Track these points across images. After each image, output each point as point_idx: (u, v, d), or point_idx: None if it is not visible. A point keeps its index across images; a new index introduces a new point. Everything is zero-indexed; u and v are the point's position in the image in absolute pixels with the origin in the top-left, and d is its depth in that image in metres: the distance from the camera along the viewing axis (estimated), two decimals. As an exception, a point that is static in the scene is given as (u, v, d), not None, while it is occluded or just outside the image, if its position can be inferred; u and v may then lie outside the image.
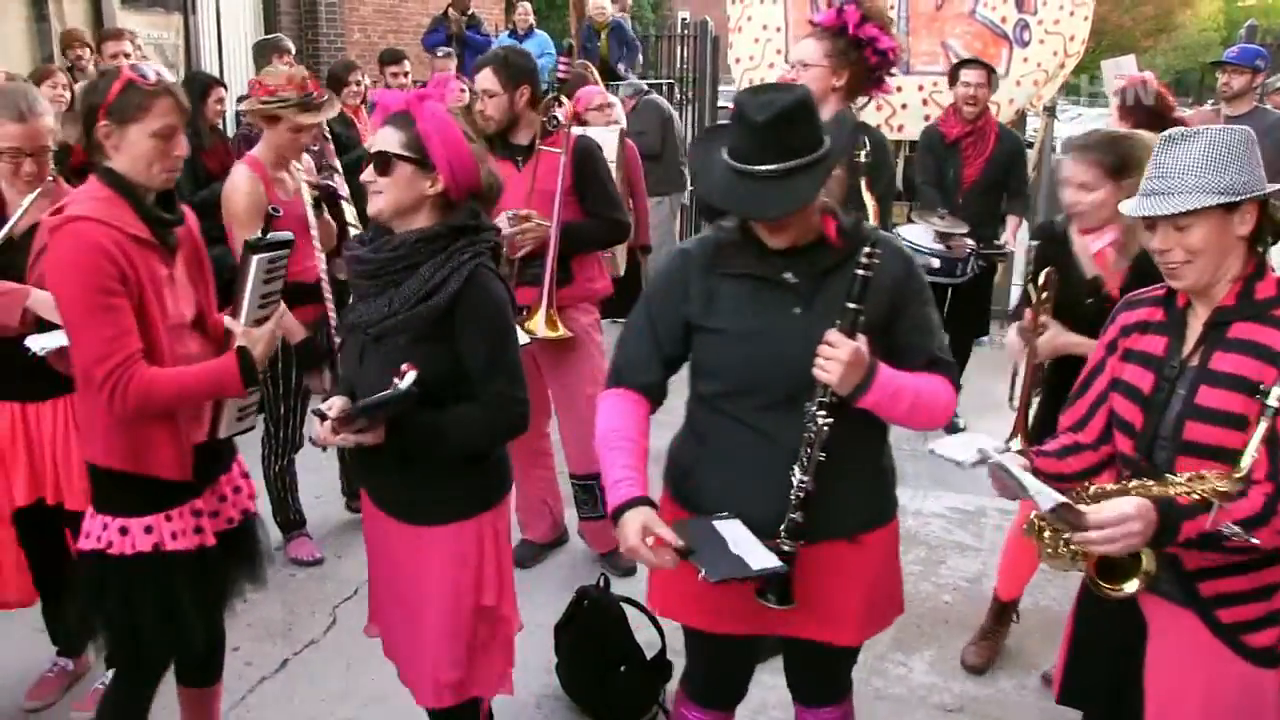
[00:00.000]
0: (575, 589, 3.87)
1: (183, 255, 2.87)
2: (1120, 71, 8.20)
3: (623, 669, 3.67)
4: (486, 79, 4.28)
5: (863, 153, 3.67)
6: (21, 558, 3.61)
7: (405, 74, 8.11)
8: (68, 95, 5.95)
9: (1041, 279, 3.46)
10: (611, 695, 3.69)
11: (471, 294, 2.62)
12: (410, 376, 2.50)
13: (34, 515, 3.50)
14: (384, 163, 2.62)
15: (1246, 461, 2.15)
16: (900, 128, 7.83)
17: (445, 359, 2.61)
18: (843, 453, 2.42)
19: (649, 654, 3.72)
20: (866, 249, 2.30)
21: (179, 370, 2.71)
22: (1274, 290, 2.32)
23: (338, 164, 5.29)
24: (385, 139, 2.64)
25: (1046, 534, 2.51)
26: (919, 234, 5.89)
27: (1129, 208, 2.36)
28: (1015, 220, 6.44)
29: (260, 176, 4.32)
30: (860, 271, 2.30)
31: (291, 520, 4.88)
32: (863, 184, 3.73)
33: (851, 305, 2.31)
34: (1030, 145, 11.65)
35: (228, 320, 2.88)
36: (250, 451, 4.57)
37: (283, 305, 3.01)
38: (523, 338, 3.85)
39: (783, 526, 2.41)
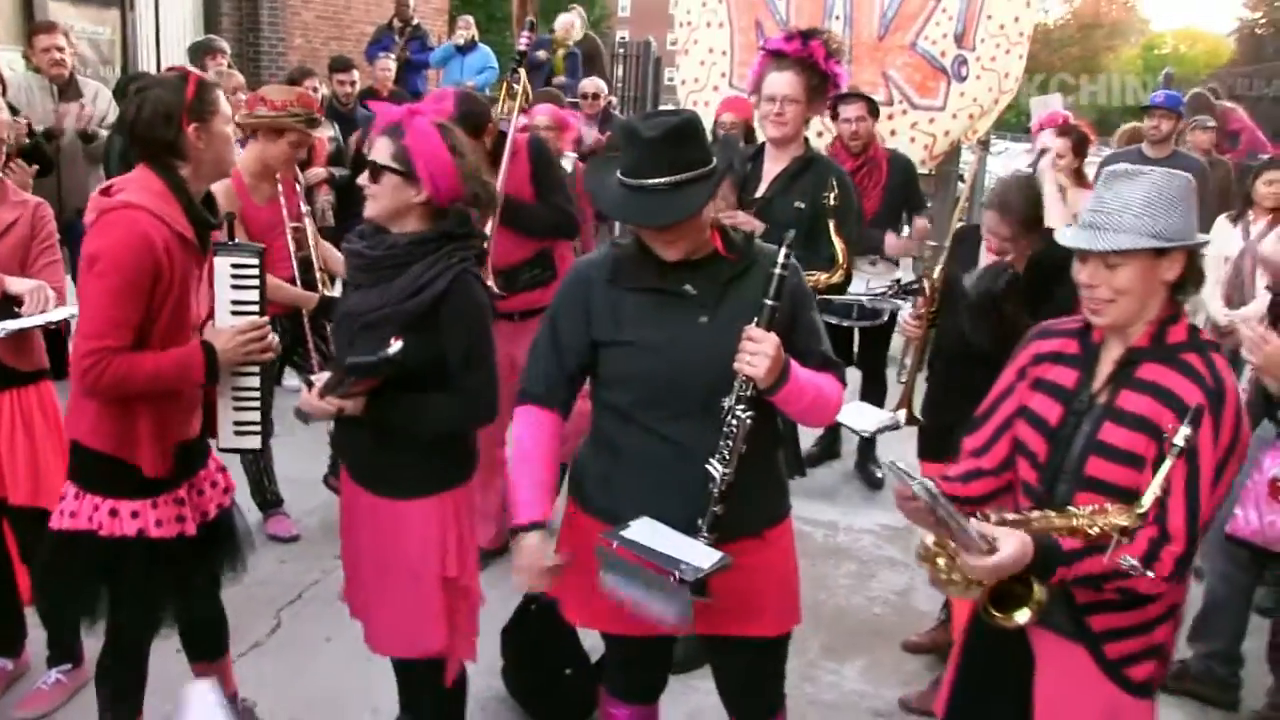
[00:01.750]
0: (523, 596, 3.92)
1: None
2: (1048, 108, 8.50)
3: (568, 672, 3.73)
4: None
5: (831, 195, 3.82)
6: None
7: (353, 82, 8.17)
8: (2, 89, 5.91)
9: (938, 276, 3.84)
10: (556, 698, 3.76)
11: (456, 294, 2.80)
12: (396, 345, 2.68)
13: None
14: (375, 172, 2.81)
15: (1148, 499, 2.21)
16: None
17: (427, 350, 2.78)
18: (753, 456, 2.54)
19: (594, 658, 3.79)
20: (784, 251, 2.44)
21: (152, 355, 2.82)
22: (1184, 335, 2.36)
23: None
24: (379, 149, 2.82)
25: (940, 560, 2.50)
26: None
27: (1066, 237, 2.40)
28: (921, 222, 6.36)
29: (235, 184, 4.39)
30: (777, 271, 2.44)
31: (268, 500, 5.07)
32: (830, 226, 3.87)
33: (769, 302, 2.44)
34: (961, 178, 11.96)
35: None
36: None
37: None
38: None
39: (703, 520, 2.51)
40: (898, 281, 5.70)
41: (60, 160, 6.44)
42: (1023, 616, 2.35)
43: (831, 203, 3.84)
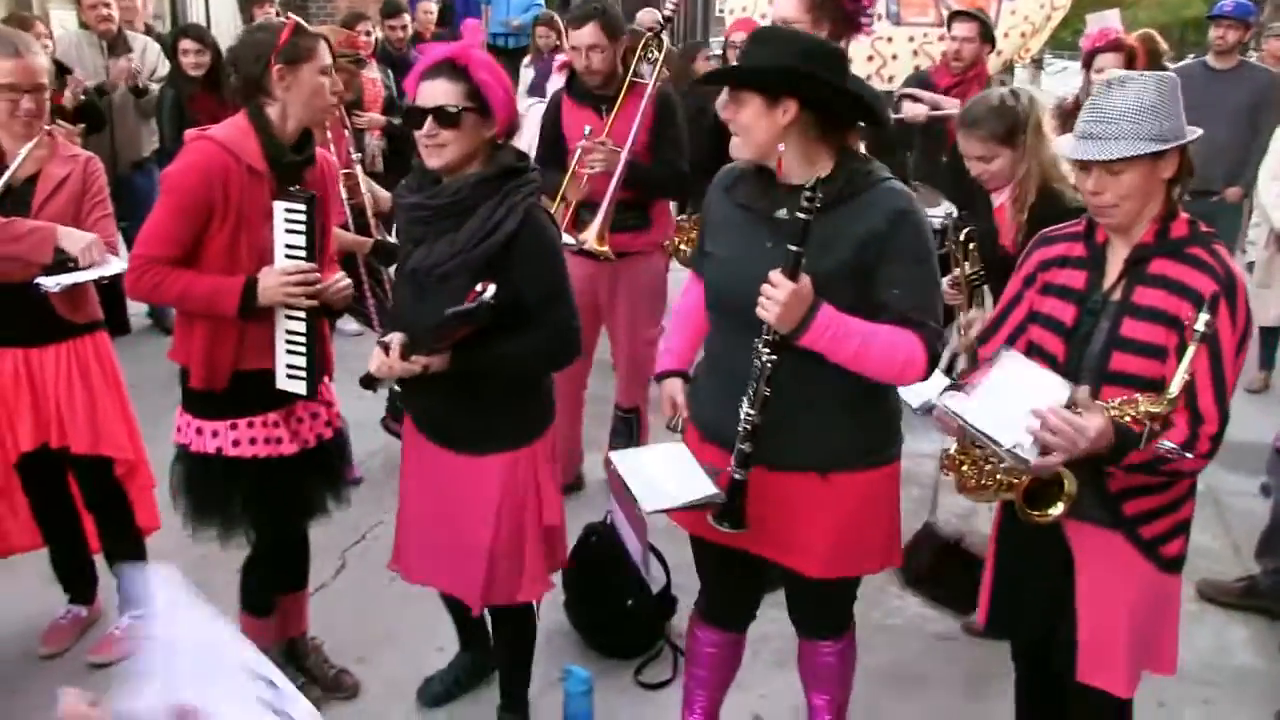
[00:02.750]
0: (583, 526, 3.97)
1: None
2: (1105, 25, 8.29)
3: (630, 604, 3.77)
4: (592, 34, 4.37)
5: None
6: (25, 504, 3.69)
7: (404, 27, 8.12)
8: (50, 44, 5.97)
9: (964, 237, 3.68)
10: (618, 631, 3.81)
11: (529, 231, 2.79)
12: (490, 289, 2.66)
13: (38, 461, 3.57)
14: (450, 116, 2.73)
15: (1176, 385, 2.29)
16: (891, 79, 7.87)
17: (504, 292, 2.72)
18: (813, 387, 2.56)
19: (655, 589, 3.82)
20: (806, 193, 2.37)
21: (193, 275, 3.00)
22: (1185, 230, 2.46)
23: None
24: (443, 91, 2.74)
25: (965, 466, 2.59)
26: None
27: (1066, 149, 2.48)
28: None
29: None
30: (800, 215, 2.38)
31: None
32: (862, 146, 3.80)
33: (792, 248, 2.39)
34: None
35: None
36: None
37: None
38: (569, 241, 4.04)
39: (733, 456, 2.53)
40: (948, 214, 5.61)
41: (112, 115, 6.50)
42: (1056, 510, 2.44)
43: None
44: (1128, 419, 2.32)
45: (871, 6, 4.12)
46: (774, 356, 2.47)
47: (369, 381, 2.85)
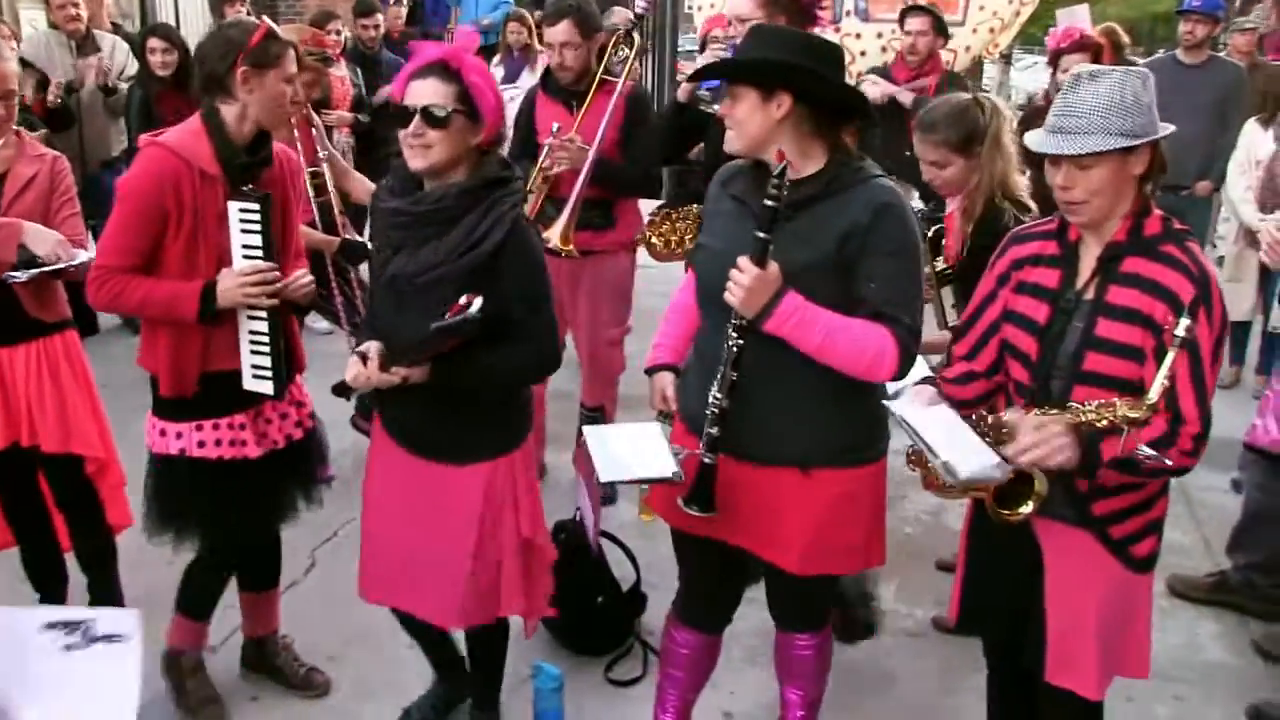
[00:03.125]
0: (553, 523, 3.96)
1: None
2: (1074, 21, 8.32)
3: (599, 600, 3.77)
4: (565, 31, 4.38)
5: None
6: None
7: (376, 26, 8.09)
8: (15, 45, 5.93)
9: (932, 235, 3.63)
10: (588, 627, 3.81)
11: (515, 242, 2.75)
12: (477, 303, 2.61)
13: (8, 460, 3.55)
14: (437, 117, 2.66)
15: (1155, 391, 2.27)
16: (859, 75, 7.88)
17: (489, 305, 2.66)
18: (791, 379, 2.58)
19: (625, 587, 3.83)
20: (774, 180, 2.40)
21: (152, 282, 3.01)
22: (1159, 227, 2.44)
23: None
24: (433, 91, 2.68)
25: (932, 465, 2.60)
26: None
27: (1034, 142, 2.46)
28: None
29: None
30: (768, 202, 2.41)
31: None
32: None
33: (759, 234, 2.42)
34: (985, 93, 11.75)
35: None
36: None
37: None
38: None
39: (702, 440, 2.57)
40: (922, 211, 5.59)
41: (81, 114, 6.47)
42: (1027, 509, 2.45)
43: None
44: (1105, 422, 2.32)
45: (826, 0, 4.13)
46: (740, 341, 2.50)
47: (342, 389, 2.81)
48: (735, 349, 2.51)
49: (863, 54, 7.83)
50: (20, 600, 3.90)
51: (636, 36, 4.83)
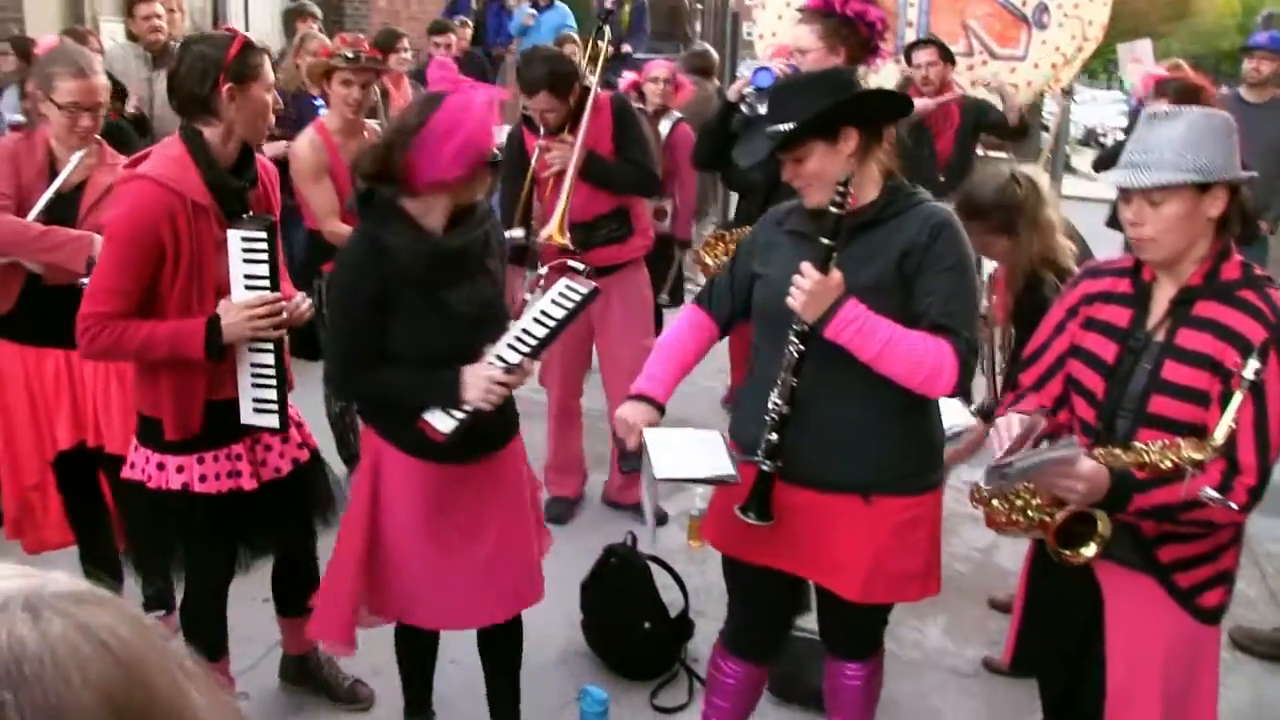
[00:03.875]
0: (603, 547, 3.99)
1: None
2: (1135, 55, 8.26)
3: (647, 626, 3.78)
4: (545, 101, 4.44)
5: None
6: (58, 502, 3.77)
7: (448, 45, 8.15)
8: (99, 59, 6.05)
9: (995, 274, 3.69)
10: (635, 652, 3.82)
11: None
12: (591, 283, 2.94)
13: (73, 459, 3.66)
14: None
15: (1221, 434, 2.22)
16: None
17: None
18: (846, 402, 2.62)
19: (673, 613, 3.84)
20: (839, 188, 2.47)
21: (151, 325, 2.85)
22: (1238, 273, 2.40)
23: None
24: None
25: (996, 501, 2.58)
26: None
27: (1110, 177, 2.45)
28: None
29: (324, 140, 4.57)
30: (831, 209, 2.48)
31: (353, 455, 5.13)
32: None
33: (824, 241, 2.48)
34: (1046, 129, 11.69)
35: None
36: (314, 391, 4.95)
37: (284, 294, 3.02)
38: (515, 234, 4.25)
39: (760, 446, 2.58)
40: None
41: (155, 126, 6.59)
42: (1089, 551, 2.42)
43: None
44: (1169, 464, 2.28)
45: (887, 31, 4.15)
46: (801, 347, 2.53)
47: (468, 421, 2.76)
48: (796, 355, 2.54)
49: None
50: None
51: (607, 30, 4.90)
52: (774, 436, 2.58)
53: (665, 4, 10.82)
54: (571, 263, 3.52)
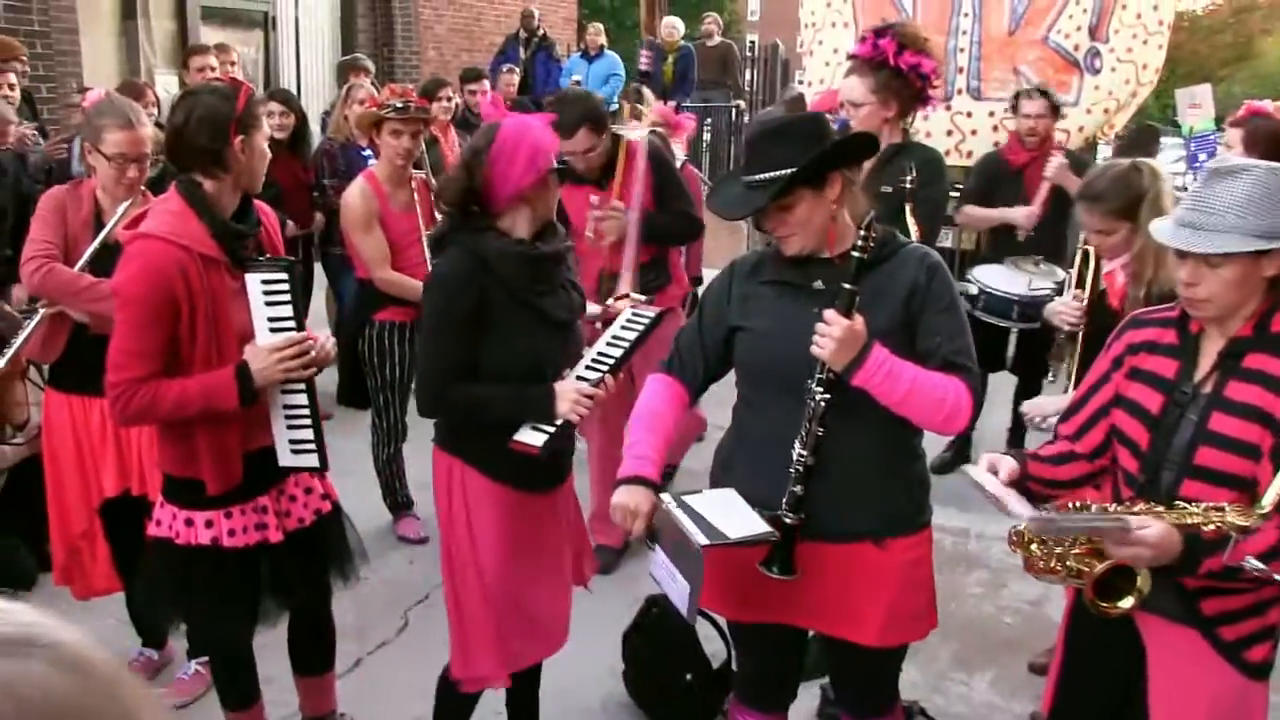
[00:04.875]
0: (645, 597, 3.94)
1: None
2: (1194, 100, 8.16)
3: (689, 678, 3.73)
4: (585, 139, 4.46)
5: (908, 179, 3.75)
6: (105, 549, 3.81)
7: (484, 92, 8.29)
8: (156, 111, 6.17)
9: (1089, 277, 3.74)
10: (676, 703, 3.76)
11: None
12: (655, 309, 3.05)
13: (119, 507, 3.69)
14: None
15: (1270, 499, 2.15)
16: (970, 154, 7.80)
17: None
18: (864, 452, 2.58)
19: (715, 664, 3.78)
20: (861, 232, 2.45)
21: (181, 382, 2.81)
22: None
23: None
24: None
25: (1035, 546, 2.52)
26: (1006, 279, 5.65)
27: (1164, 235, 2.36)
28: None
29: (374, 189, 4.64)
30: (854, 254, 2.46)
31: (399, 502, 5.25)
32: (907, 208, 3.79)
33: (846, 286, 2.46)
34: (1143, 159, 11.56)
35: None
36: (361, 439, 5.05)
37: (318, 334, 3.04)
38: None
39: (784, 499, 2.54)
40: (1061, 284, 5.46)
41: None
42: (1127, 603, 2.36)
43: (908, 185, 3.76)
44: (1212, 527, 2.21)
45: (938, 78, 4.11)
46: (827, 395, 2.50)
47: (558, 437, 2.89)
48: (823, 404, 2.50)
49: (974, 133, 7.76)
50: (123, 641, 4.02)
51: (646, 91, 5.00)
52: (798, 489, 2.54)
53: (715, 53, 10.91)
54: (634, 295, 3.53)
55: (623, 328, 3.17)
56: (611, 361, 3.05)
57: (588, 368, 3.02)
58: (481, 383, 2.91)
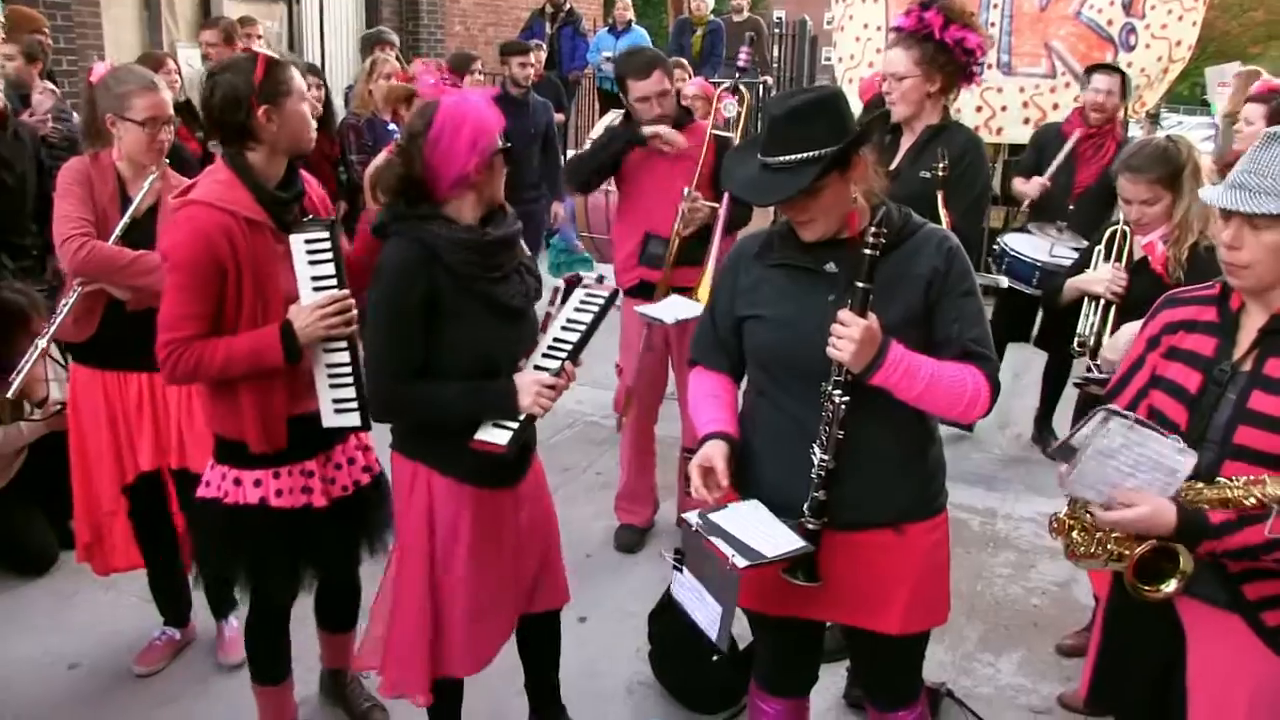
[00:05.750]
0: (669, 578, 3.91)
1: None
2: (1224, 79, 8.05)
3: (714, 659, 3.70)
4: (659, 81, 4.45)
5: (940, 165, 3.68)
6: (126, 525, 3.81)
7: (532, 65, 8.06)
8: (179, 83, 6.15)
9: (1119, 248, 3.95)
10: (702, 684, 3.74)
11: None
12: (609, 284, 2.88)
13: (145, 484, 3.69)
14: None
15: None
16: (999, 130, 7.74)
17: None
18: (880, 441, 2.53)
19: (741, 645, 3.76)
20: (872, 229, 2.35)
21: (228, 340, 2.89)
22: None
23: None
24: None
25: (1075, 533, 2.46)
26: (1030, 245, 5.64)
27: (1211, 195, 2.30)
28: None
29: None
30: (866, 251, 2.36)
31: None
32: (939, 197, 3.72)
33: (860, 285, 2.37)
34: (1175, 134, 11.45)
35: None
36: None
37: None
38: (690, 309, 4.15)
39: (806, 505, 2.49)
40: (1081, 251, 5.41)
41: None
42: (1169, 587, 2.29)
43: (940, 173, 3.70)
44: (1253, 500, 2.16)
45: (984, 57, 4.04)
46: (846, 398, 2.44)
47: (519, 433, 2.79)
48: (843, 406, 2.44)
49: (1003, 109, 7.69)
50: (145, 620, 4.05)
51: (745, 92, 4.92)
52: (820, 494, 2.49)
53: (743, 27, 10.82)
54: (586, 274, 3.41)
55: (576, 310, 3.01)
56: (569, 347, 2.92)
57: (545, 355, 2.92)
58: (435, 381, 2.82)
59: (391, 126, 5.81)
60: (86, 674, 3.90)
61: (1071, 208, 5.83)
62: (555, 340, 2.95)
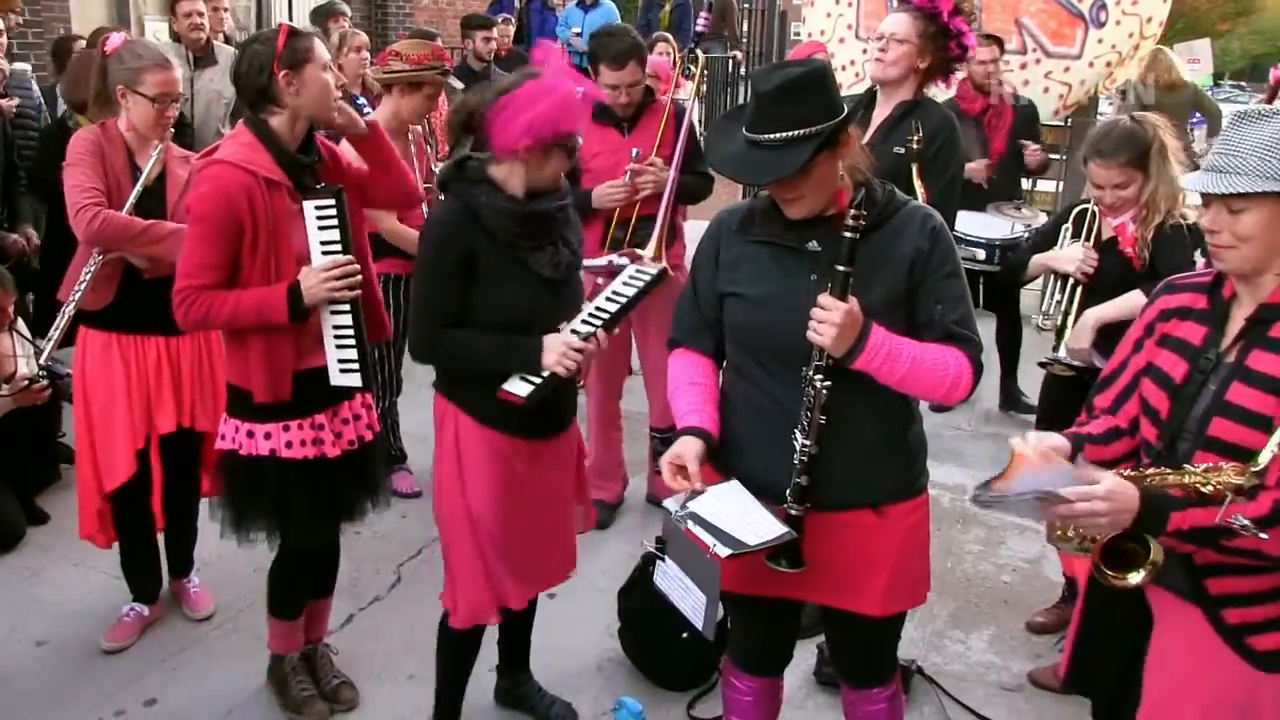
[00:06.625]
0: (640, 555, 3.91)
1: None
2: (1193, 55, 8.08)
3: (684, 636, 3.69)
4: (633, 72, 4.46)
5: (914, 139, 3.68)
6: (106, 504, 3.80)
7: (494, 39, 8.05)
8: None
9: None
10: (672, 661, 3.74)
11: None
12: (660, 263, 2.90)
13: (172, 444, 3.76)
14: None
15: (1264, 458, 2.08)
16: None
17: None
18: (860, 421, 2.50)
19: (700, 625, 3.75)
20: (852, 211, 2.33)
21: (238, 293, 3.08)
22: None
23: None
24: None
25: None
26: (985, 225, 5.76)
27: (1191, 182, 2.29)
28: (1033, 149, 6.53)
29: None
30: (846, 234, 2.34)
31: (392, 455, 5.20)
32: (913, 170, 3.72)
33: (841, 268, 2.35)
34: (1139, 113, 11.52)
35: None
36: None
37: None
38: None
39: (789, 490, 2.47)
40: (1030, 227, 5.47)
41: (194, 130, 6.59)
42: (1136, 577, 2.26)
43: (914, 146, 3.69)
44: (1210, 488, 2.15)
45: (973, 53, 4.18)
46: (828, 383, 2.41)
47: (546, 385, 2.91)
48: (824, 391, 2.42)
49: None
50: (115, 596, 4.05)
51: (700, 54, 4.99)
52: (802, 480, 2.47)
53: (715, 4, 10.76)
54: (640, 250, 3.62)
55: (624, 284, 3.19)
56: (607, 316, 3.06)
57: (584, 322, 3.04)
58: (472, 330, 2.96)
59: (362, 100, 5.72)
60: (54, 650, 3.88)
61: (993, 178, 6.09)
62: (596, 309, 3.10)
